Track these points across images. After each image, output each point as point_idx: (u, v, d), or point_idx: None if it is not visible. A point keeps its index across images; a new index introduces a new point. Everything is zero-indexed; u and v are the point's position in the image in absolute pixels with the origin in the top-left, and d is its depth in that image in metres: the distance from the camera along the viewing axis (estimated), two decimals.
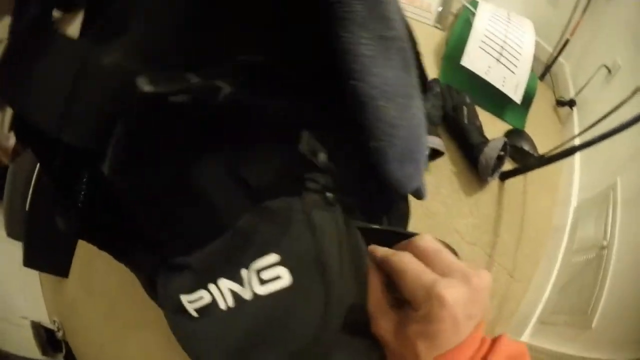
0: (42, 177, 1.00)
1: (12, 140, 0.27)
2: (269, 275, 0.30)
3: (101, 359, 1.03)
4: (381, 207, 0.42)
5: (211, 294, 0.32)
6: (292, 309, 0.30)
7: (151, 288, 0.44)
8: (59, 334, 1.08)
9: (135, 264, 0.46)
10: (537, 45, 1.64)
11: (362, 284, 0.32)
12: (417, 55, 0.37)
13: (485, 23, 1.49)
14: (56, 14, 0.28)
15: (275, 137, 0.31)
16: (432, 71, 1.48)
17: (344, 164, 0.34)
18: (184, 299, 0.34)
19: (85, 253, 1.09)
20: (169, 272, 0.36)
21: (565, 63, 1.71)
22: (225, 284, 0.32)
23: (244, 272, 0.31)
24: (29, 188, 1.03)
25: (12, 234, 1.09)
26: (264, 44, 0.29)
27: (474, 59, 1.37)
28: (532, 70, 1.52)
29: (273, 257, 0.30)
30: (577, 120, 1.55)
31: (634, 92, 1.08)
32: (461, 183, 1.25)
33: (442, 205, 1.19)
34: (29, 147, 0.26)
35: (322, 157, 0.32)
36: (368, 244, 0.35)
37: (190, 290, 0.33)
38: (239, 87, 0.28)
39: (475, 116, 1.28)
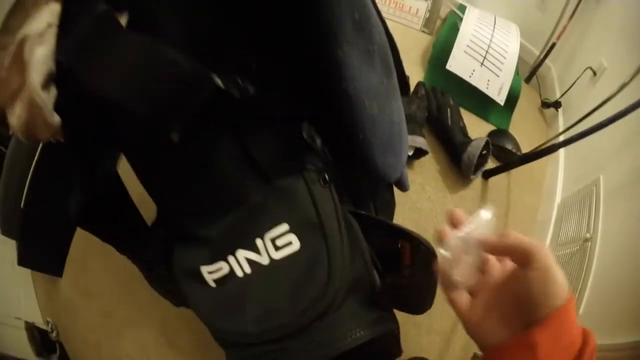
0: (38, 175, 1.05)
1: (57, 118, 0.32)
2: (282, 242, 0.40)
3: (96, 359, 1.08)
4: (367, 192, 0.52)
5: (229, 264, 0.41)
6: (303, 267, 0.40)
7: (151, 277, 0.53)
8: (53, 335, 1.11)
9: (138, 253, 0.54)
10: (525, 48, 1.77)
11: (357, 248, 0.42)
12: (397, 59, 0.47)
13: (472, 27, 1.62)
14: None
15: (281, 125, 0.41)
16: (419, 74, 1.60)
17: (335, 152, 0.44)
18: (204, 269, 0.43)
19: (80, 253, 1.15)
20: (186, 246, 0.45)
21: (551, 66, 1.85)
22: (242, 253, 0.41)
23: (259, 242, 0.41)
24: (24, 186, 1.08)
25: (6, 231, 1.13)
26: (259, 49, 0.39)
27: (459, 63, 1.49)
28: (518, 73, 1.65)
29: (284, 227, 0.40)
30: (562, 122, 1.67)
31: (621, 88, 1.20)
32: (446, 181, 1.36)
33: (427, 201, 1.30)
34: (69, 129, 0.34)
35: (319, 142, 0.42)
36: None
37: (212, 261, 0.42)
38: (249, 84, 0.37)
39: (459, 117, 1.39)
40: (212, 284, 0.42)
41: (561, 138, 1.32)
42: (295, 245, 0.40)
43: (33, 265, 1.16)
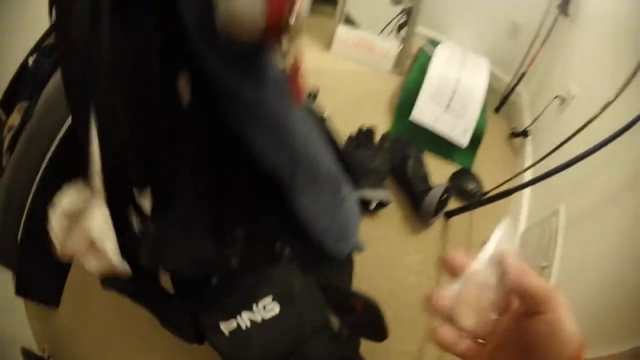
0: (36, 205, 1.20)
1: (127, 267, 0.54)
2: (269, 308, 0.68)
3: None
4: (327, 262, 0.79)
5: (237, 321, 0.69)
6: (281, 324, 0.67)
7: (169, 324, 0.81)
8: None
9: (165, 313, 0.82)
10: (496, 77, 2.03)
11: (318, 307, 0.69)
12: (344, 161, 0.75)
13: (439, 70, 1.92)
14: None
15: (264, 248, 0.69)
16: (387, 120, 1.92)
17: (300, 246, 0.72)
18: (222, 325, 0.71)
19: (78, 282, 1.27)
20: (208, 312, 0.72)
21: (522, 94, 2.06)
22: (245, 314, 0.69)
23: (254, 307, 0.69)
24: (23, 214, 1.20)
25: (2, 260, 1.22)
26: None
27: (423, 112, 1.82)
28: (485, 110, 1.93)
29: (270, 297, 0.68)
30: (531, 150, 1.86)
31: (589, 122, 1.28)
32: (407, 226, 1.66)
33: (389, 247, 1.60)
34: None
35: (287, 250, 0.69)
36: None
37: (226, 319, 0.70)
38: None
39: (421, 165, 1.73)
40: (227, 334, 0.69)
41: (527, 174, 1.51)
42: (276, 309, 0.68)
43: (30, 295, 1.24)
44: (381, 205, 1.59)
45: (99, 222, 0.58)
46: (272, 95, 0.56)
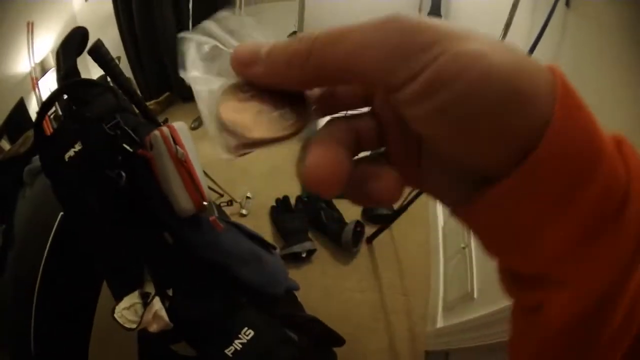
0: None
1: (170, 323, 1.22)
2: (248, 333, 1.31)
3: None
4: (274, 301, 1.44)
5: (233, 346, 1.31)
6: (257, 340, 1.30)
7: None
8: None
9: None
10: None
11: (275, 326, 1.34)
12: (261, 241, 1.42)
13: None
14: None
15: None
16: (296, 184, 2.55)
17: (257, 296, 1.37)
18: (226, 351, 1.33)
19: None
20: (217, 345, 1.35)
21: None
22: (237, 340, 1.31)
23: (240, 335, 1.32)
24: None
25: None
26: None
27: None
28: None
29: (246, 327, 1.31)
30: None
31: None
32: (338, 260, 2.28)
33: (330, 279, 2.20)
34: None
35: (245, 300, 1.34)
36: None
37: (227, 346, 1.32)
38: None
39: (333, 211, 2.37)
40: (230, 355, 1.31)
41: None
42: (252, 333, 1.30)
43: None
44: (311, 252, 2.21)
45: (158, 306, 1.21)
46: (207, 231, 1.24)
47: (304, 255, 2.17)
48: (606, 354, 0.22)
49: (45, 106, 1.25)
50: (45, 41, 2.01)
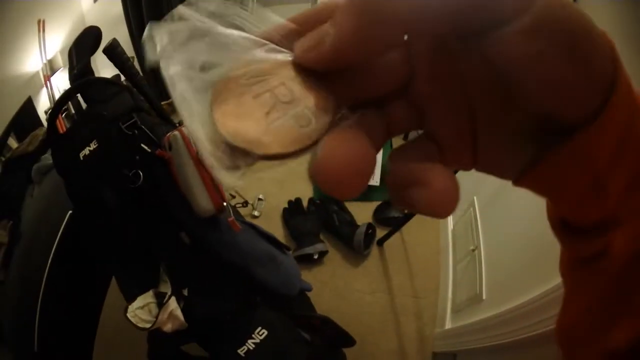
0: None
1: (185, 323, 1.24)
2: (261, 333, 1.30)
3: None
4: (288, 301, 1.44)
5: (246, 346, 1.31)
6: (271, 340, 1.30)
7: None
8: None
9: None
10: None
11: (288, 325, 1.33)
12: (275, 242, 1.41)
13: None
14: None
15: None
16: (308, 187, 2.56)
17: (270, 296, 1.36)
18: (239, 350, 1.32)
19: None
20: (230, 345, 1.34)
21: None
22: (250, 341, 1.31)
23: (254, 335, 1.31)
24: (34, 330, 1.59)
25: None
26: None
27: None
28: (390, 145, 2.55)
29: (260, 327, 1.30)
30: None
31: None
32: (349, 262, 2.28)
33: (340, 280, 2.20)
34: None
35: (259, 300, 1.33)
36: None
37: (240, 346, 1.31)
38: None
39: (345, 213, 2.36)
40: (243, 355, 1.30)
41: None
42: (266, 332, 1.30)
43: None
44: (322, 254, 2.21)
45: (174, 306, 1.20)
46: (225, 231, 1.23)
47: (315, 256, 2.17)
48: None
49: (59, 104, 1.24)
50: (54, 41, 2.01)
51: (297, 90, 0.22)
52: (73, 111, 1.50)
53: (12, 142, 1.78)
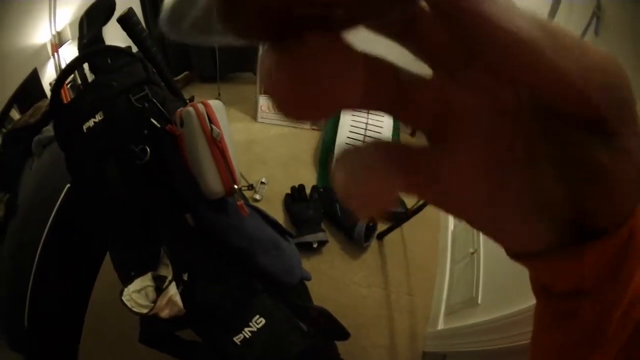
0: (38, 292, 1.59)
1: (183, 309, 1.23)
2: (259, 321, 1.21)
3: None
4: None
5: (243, 334, 1.22)
6: (268, 328, 1.21)
7: None
8: None
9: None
10: None
11: (286, 315, 1.24)
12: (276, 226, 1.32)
13: (349, 118, 2.49)
14: None
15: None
16: (312, 174, 2.51)
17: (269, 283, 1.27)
18: (235, 338, 1.24)
19: None
20: (226, 332, 1.25)
21: None
22: (247, 329, 1.22)
23: (250, 323, 1.23)
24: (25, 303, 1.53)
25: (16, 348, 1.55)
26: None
27: None
28: (397, 134, 2.52)
29: (258, 315, 1.22)
30: None
31: None
32: (348, 254, 2.22)
33: (337, 271, 2.14)
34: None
35: (260, 287, 1.24)
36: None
37: (236, 334, 1.23)
38: None
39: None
40: (239, 343, 1.21)
41: None
42: (263, 321, 1.22)
43: None
44: (322, 243, 2.14)
45: (173, 292, 1.11)
46: (233, 215, 1.13)
47: (315, 245, 2.10)
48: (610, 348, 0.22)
49: (65, 72, 1.16)
50: (64, 13, 1.90)
51: None
52: (80, 81, 1.40)
53: (15, 114, 1.69)
